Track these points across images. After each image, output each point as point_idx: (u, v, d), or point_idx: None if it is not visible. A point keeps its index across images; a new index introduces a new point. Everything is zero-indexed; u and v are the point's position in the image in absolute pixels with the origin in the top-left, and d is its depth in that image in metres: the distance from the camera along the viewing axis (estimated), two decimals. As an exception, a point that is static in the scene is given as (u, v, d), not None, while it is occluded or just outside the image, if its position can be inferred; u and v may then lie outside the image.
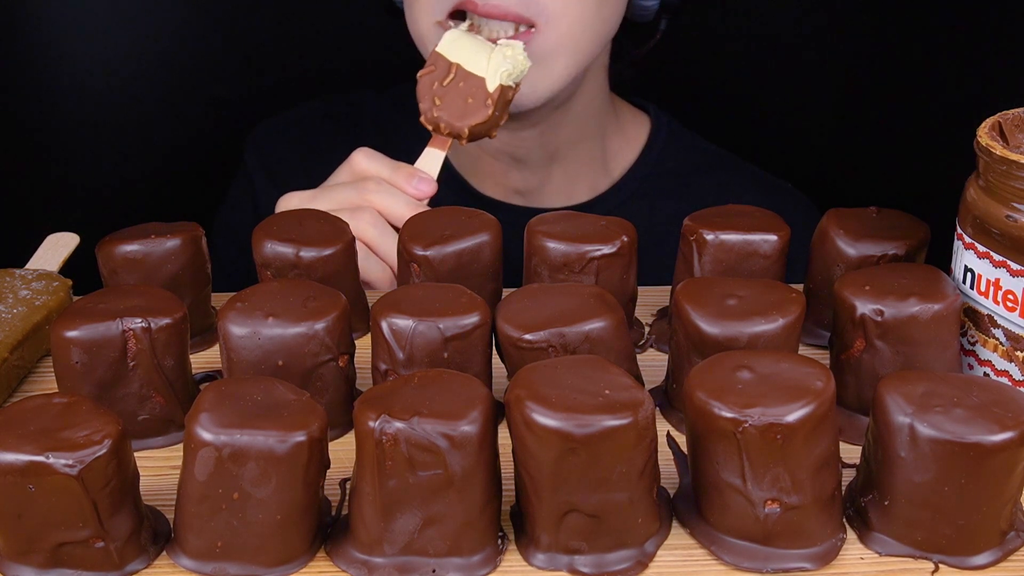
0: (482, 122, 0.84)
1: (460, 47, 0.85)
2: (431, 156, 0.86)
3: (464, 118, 0.84)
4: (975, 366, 0.65)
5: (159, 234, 0.72)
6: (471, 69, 0.84)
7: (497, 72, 0.83)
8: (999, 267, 0.62)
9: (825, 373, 0.54)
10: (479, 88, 0.83)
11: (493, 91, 0.83)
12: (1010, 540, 0.55)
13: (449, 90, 0.84)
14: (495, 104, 0.83)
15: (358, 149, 0.85)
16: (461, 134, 0.84)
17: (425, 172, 0.84)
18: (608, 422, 0.50)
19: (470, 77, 0.84)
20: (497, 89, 0.83)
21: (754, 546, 0.54)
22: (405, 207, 0.80)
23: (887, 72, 1.27)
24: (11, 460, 0.50)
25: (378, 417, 0.51)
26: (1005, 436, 0.51)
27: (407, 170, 0.84)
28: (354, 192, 0.82)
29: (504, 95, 0.84)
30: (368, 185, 0.82)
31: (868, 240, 0.70)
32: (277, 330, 0.61)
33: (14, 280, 0.74)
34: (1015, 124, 0.65)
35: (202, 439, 0.51)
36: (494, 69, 0.83)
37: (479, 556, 0.54)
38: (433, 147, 0.86)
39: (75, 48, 1.30)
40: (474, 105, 0.83)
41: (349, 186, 0.83)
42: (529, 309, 0.62)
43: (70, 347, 0.61)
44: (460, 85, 0.84)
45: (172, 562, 0.54)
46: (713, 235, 0.71)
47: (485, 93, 0.83)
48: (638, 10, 0.97)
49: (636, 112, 1.09)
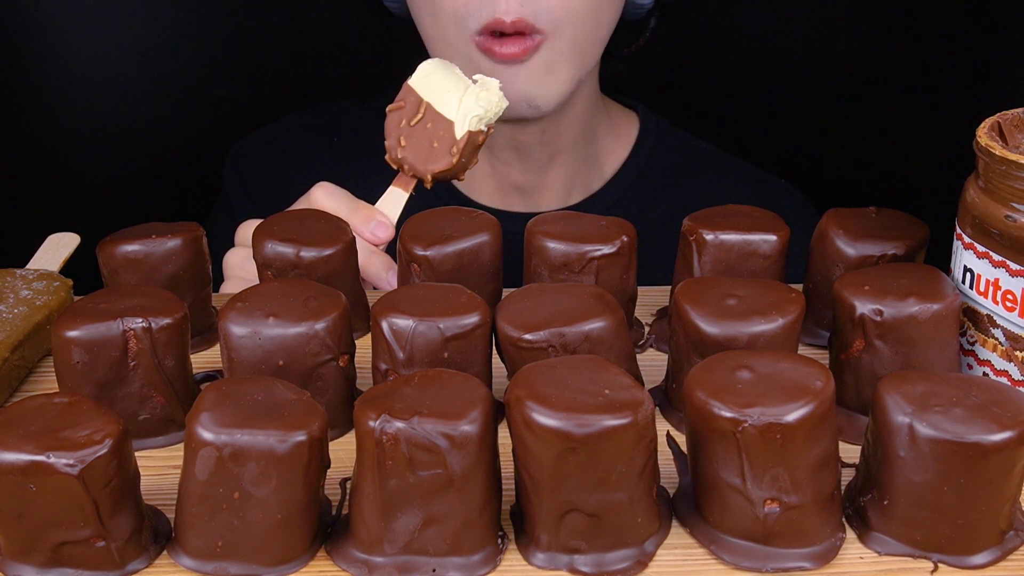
0: (445, 170, 0.80)
1: (433, 82, 0.81)
2: (394, 196, 0.82)
3: (428, 163, 0.80)
4: (974, 366, 0.65)
5: (160, 234, 0.72)
6: (440, 110, 0.80)
7: (467, 118, 0.79)
8: (998, 267, 0.62)
9: (824, 373, 0.54)
10: (447, 132, 0.79)
11: (460, 138, 0.79)
12: (1009, 539, 0.55)
13: (416, 130, 0.80)
14: (460, 152, 0.79)
15: (319, 184, 0.83)
16: (425, 178, 0.81)
17: (384, 216, 0.81)
18: (608, 422, 0.50)
19: (439, 119, 0.80)
20: (465, 136, 0.79)
21: (754, 545, 0.54)
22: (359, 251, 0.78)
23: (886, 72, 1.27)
24: (12, 460, 0.50)
25: (378, 417, 0.51)
26: (1004, 436, 0.51)
27: (365, 213, 0.81)
28: None
29: (473, 140, 0.79)
30: None
31: (867, 240, 0.70)
32: (277, 330, 0.61)
33: (15, 280, 0.74)
34: (1014, 124, 0.65)
35: (203, 439, 0.51)
36: (464, 114, 0.79)
37: (479, 555, 0.54)
38: (397, 186, 0.83)
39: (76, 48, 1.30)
40: (439, 150, 0.80)
41: None
42: (529, 309, 0.63)
43: (71, 347, 0.61)
44: (428, 126, 0.80)
45: (173, 561, 0.54)
46: (713, 235, 0.71)
47: (452, 139, 0.79)
48: (631, 8, 0.97)
49: (625, 111, 1.10)
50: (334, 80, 1.28)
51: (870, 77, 1.29)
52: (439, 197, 1.03)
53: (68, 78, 1.31)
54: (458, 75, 0.82)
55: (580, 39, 0.89)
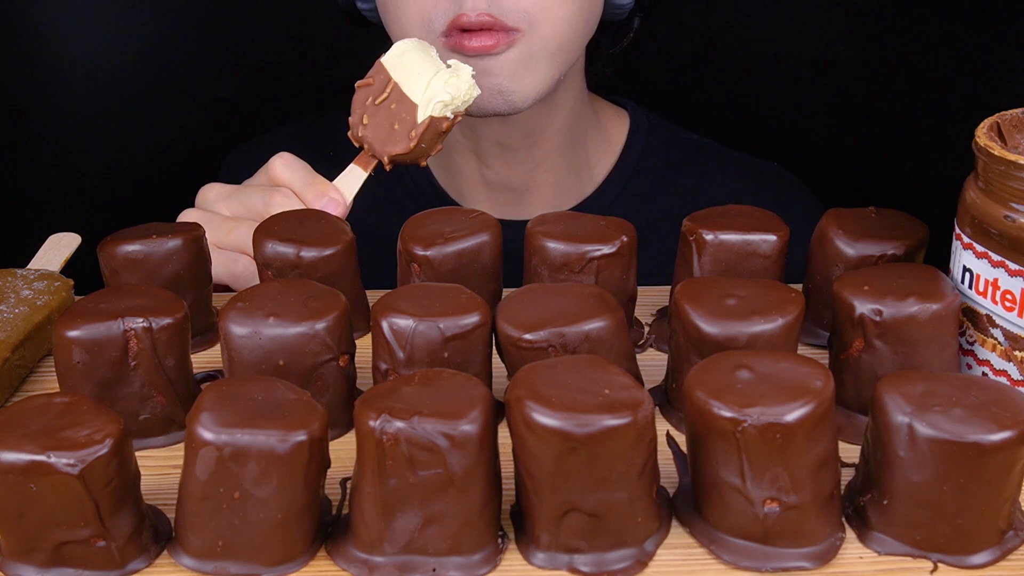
0: (402, 153, 0.78)
1: (406, 62, 0.79)
2: (352, 175, 0.81)
3: (386, 144, 0.79)
4: (974, 366, 0.65)
5: (160, 234, 0.72)
6: (407, 91, 0.78)
7: (430, 103, 0.77)
8: (997, 267, 0.62)
9: (824, 373, 0.54)
10: (409, 115, 0.78)
11: (421, 123, 0.77)
12: (1009, 539, 0.55)
13: (380, 109, 0.79)
14: (419, 137, 0.77)
15: (278, 155, 0.83)
16: (383, 160, 0.80)
17: (339, 193, 0.80)
18: (608, 422, 0.50)
19: (403, 100, 0.78)
20: (426, 121, 0.77)
21: (753, 545, 0.54)
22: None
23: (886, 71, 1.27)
24: (13, 459, 0.50)
25: (379, 417, 0.51)
26: (1003, 435, 0.51)
27: (319, 188, 0.80)
28: (260, 200, 0.81)
29: (435, 126, 0.78)
30: (275, 198, 0.80)
31: (867, 240, 0.70)
32: (278, 330, 0.61)
33: (16, 280, 0.74)
34: (1013, 124, 0.65)
35: (203, 438, 0.51)
36: (428, 99, 0.77)
37: (479, 555, 0.54)
38: (356, 165, 0.81)
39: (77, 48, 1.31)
40: (399, 133, 0.78)
41: (259, 192, 0.81)
42: (529, 309, 0.63)
43: (71, 347, 0.61)
44: (392, 107, 0.78)
45: (173, 561, 0.54)
46: (712, 235, 0.71)
47: (413, 123, 0.77)
48: (612, 9, 0.97)
49: (616, 110, 1.09)
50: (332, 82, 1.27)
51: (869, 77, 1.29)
52: (429, 203, 1.03)
53: (68, 78, 1.31)
54: (433, 58, 0.80)
55: (559, 36, 0.89)
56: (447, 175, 1.05)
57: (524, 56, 0.87)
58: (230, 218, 0.82)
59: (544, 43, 0.88)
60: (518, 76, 0.88)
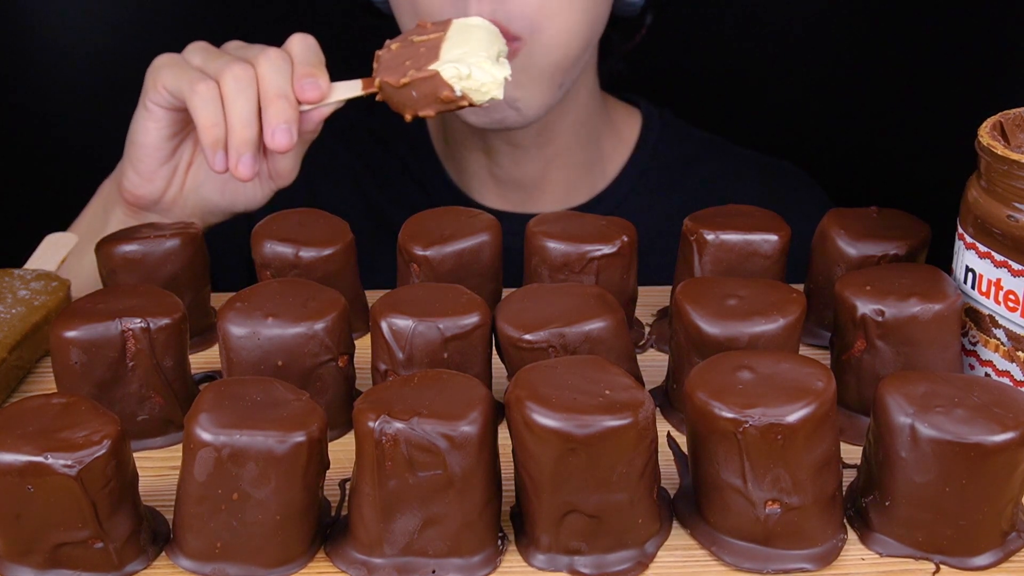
0: (390, 83, 0.75)
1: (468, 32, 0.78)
2: (349, 85, 0.79)
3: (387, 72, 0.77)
4: (976, 366, 0.65)
5: (158, 234, 0.72)
6: (443, 48, 0.76)
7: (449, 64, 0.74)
8: (1000, 267, 0.62)
9: (826, 373, 0.53)
10: (424, 62, 0.75)
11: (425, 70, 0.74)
12: (1011, 541, 0.55)
13: (410, 46, 0.77)
14: (413, 80, 0.74)
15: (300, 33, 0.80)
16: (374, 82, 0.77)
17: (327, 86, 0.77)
18: (608, 422, 0.50)
19: (433, 51, 0.76)
20: (430, 72, 0.74)
21: (754, 547, 0.54)
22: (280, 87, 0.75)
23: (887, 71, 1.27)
24: (10, 460, 0.50)
25: (378, 417, 0.51)
26: (1006, 436, 0.51)
27: (313, 70, 0.77)
28: (249, 51, 0.78)
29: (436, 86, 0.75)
30: (269, 53, 0.77)
31: (869, 240, 0.70)
32: (277, 330, 0.61)
33: (13, 280, 0.74)
34: (1016, 124, 0.64)
35: (201, 439, 0.51)
36: (450, 60, 0.75)
37: (479, 557, 0.54)
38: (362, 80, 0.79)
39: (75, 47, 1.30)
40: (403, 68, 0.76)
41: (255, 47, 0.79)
42: (529, 309, 0.62)
43: (69, 347, 0.61)
44: (421, 50, 0.77)
45: (171, 563, 0.54)
46: (713, 235, 0.71)
47: (420, 67, 0.75)
48: (624, 6, 0.96)
49: (628, 108, 1.09)
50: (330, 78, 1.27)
51: (871, 77, 1.29)
52: (440, 197, 1.03)
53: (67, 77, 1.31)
54: (492, 45, 0.78)
55: (562, 42, 0.88)
56: (457, 170, 1.05)
57: (526, 64, 0.87)
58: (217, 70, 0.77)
59: (548, 51, 0.87)
60: (523, 86, 0.88)
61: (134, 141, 0.82)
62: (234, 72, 0.75)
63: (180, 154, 0.83)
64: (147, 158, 0.81)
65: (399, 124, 1.07)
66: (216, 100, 0.75)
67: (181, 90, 0.77)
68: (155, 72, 0.79)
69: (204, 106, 0.75)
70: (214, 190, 0.83)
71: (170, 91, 0.78)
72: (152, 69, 0.80)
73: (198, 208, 0.84)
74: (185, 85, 0.76)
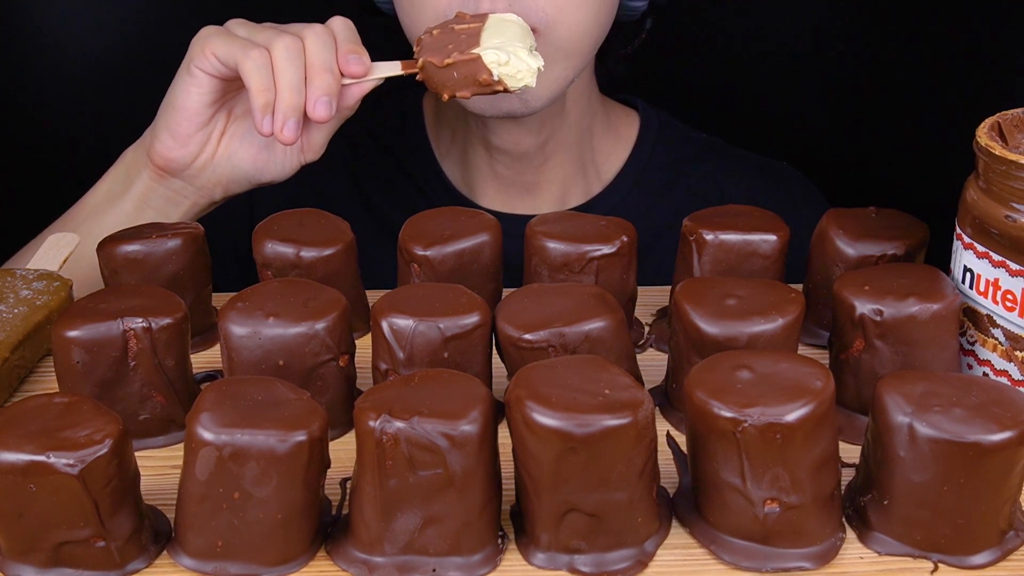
0: (434, 63, 0.79)
1: (504, 26, 0.81)
2: (389, 65, 0.82)
3: (429, 53, 0.80)
4: (974, 366, 0.65)
5: (160, 234, 0.72)
6: (482, 37, 0.80)
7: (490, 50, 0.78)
8: (998, 267, 0.62)
9: (824, 373, 0.54)
10: (466, 47, 0.79)
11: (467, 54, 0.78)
12: (1009, 539, 0.55)
13: (450, 32, 0.81)
14: (457, 62, 0.78)
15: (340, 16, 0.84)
16: (417, 62, 0.80)
17: (368, 63, 0.81)
18: (608, 422, 0.50)
19: (473, 39, 0.80)
20: (473, 56, 0.78)
21: (753, 545, 0.54)
22: (325, 60, 0.79)
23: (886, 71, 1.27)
24: (12, 460, 0.50)
25: (378, 417, 0.51)
26: (1004, 436, 0.51)
27: (357, 47, 0.81)
28: (294, 27, 0.82)
29: (477, 68, 0.78)
30: (316, 28, 0.81)
31: (867, 240, 0.70)
32: (278, 330, 0.61)
33: (15, 280, 0.74)
34: (1014, 124, 0.65)
35: (203, 439, 0.51)
36: (491, 47, 0.78)
37: (479, 555, 0.54)
38: (400, 61, 0.82)
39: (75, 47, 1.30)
40: (446, 50, 0.79)
41: (298, 24, 0.82)
42: (529, 309, 0.63)
43: (71, 347, 0.61)
44: (462, 36, 0.81)
45: (173, 561, 0.54)
46: (713, 235, 0.71)
47: (463, 50, 0.79)
48: (626, 10, 0.97)
49: (626, 110, 1.09)
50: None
51: (869, 77, 1.29)
52: (439, 197, 1.03)
53: (68, 78, 1.31)
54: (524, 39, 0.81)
55: (574, 37, 0.89)
56: (457, 171, 1.05)
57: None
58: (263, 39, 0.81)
59: (560, 44, 0.88)
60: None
61: (174, 104, 0.84)
62: (284, 42, 0.79)
63: (215, 122, 0.85)
64: (185, 122, 0.84)
65: (398, 125, 1.07)
66: (268, 67, 0.79)
67: (234, 56, 0.80)
68: (203, 40, 0.82)
69: (257, 70, 0.79)
70: (246, 158, 0.86)
71: (220, 57, 0.80)
72: (199, 38, 0.83)
73: (225, 176, 0.86)
74: (239, 52, 0.80)
